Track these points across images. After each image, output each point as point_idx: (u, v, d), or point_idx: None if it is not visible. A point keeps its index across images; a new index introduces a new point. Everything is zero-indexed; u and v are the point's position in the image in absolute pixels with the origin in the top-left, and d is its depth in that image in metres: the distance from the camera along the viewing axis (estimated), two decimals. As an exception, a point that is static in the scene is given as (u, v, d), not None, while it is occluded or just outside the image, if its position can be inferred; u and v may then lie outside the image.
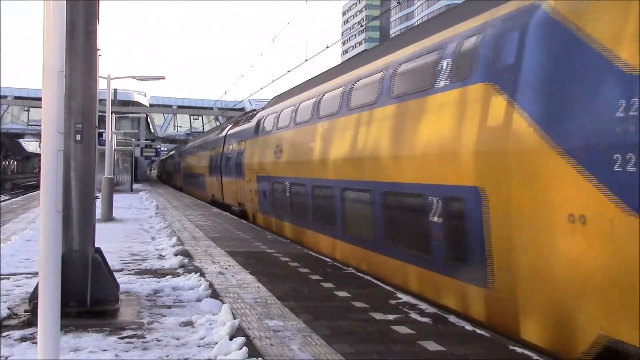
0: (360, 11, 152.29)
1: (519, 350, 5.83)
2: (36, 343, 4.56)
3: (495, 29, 7.20)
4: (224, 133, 27.94)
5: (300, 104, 15.07)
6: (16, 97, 65.00)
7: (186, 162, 44.91)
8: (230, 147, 24.53)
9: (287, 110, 16.11)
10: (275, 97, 20.38)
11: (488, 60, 7.11)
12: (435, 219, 8.00)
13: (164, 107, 76.05)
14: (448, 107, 7.88)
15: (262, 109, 21.34)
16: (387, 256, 9.79)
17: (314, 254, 12.24)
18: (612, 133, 5.15)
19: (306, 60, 20.70)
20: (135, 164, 50.58)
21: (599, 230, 5.29)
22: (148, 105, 75.06)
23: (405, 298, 8.03)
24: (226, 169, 25.07)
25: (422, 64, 8.90)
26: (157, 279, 9.12)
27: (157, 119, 74.12)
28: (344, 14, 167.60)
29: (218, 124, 55.87)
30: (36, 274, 4.86)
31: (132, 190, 39.35)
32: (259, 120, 19.38)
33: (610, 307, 5.28)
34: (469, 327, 6.64)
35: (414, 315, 7.14)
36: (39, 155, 13.67)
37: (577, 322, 5.67)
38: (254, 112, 23.58)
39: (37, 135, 55.11)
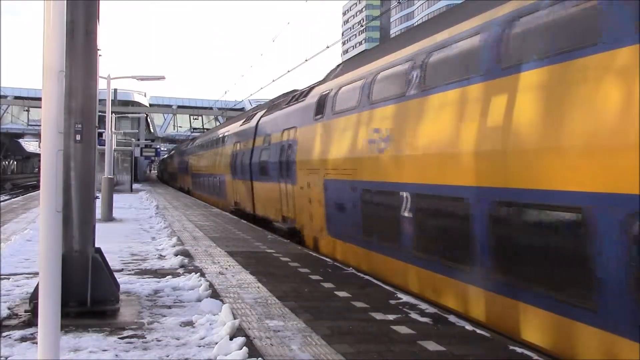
0: (361, 11, 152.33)
1: (519, 350, 5.83)
2: (36, 343, 4.57)
3: None
4: (253, 122, 21.33)
5: (430, 55, 8.57)
6: (16, 97, 64.94)
7: (197, 160, 37.04)
8: (267, 139, 18.04)
9: (394, 71, 9.67)
10: (345, 61, 14.47)
11: None
12: None
13: (164, 107, 76.03)
14: None
15: (320, 82, 14.84)
16: None
17: (314, 254, 12.23)
18: None
19: (306, 60, 20.67)
20: (135, 164, 50.53)
21: None
22: (148, 105, 75.10)
23: (405, 298, 8.03)
24: (259, 169, 18.56)
25: None
26: (157, 279, 9.12)
27: (157, 119, 74.12)
28: (344, 14, 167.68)
29: (218, 124, 54.49)
30: (36, 274, 4.86)
31: (132, 190, 39.33)
32: (323, 97, 13.13)
33: None
34: (469, 327, 6.64)
35: (414, 315, 7.14)
36: (39, 155, 13.66)
37: None
38: (302, 90, 16.82)
39: (37, 135, 55.12)
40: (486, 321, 6.98)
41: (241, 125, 24.33)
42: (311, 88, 15.38)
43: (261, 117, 20.31)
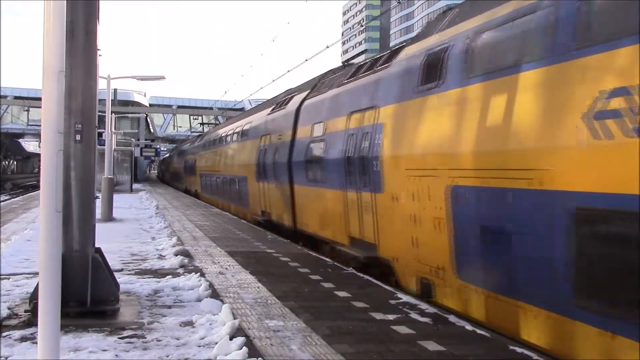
0: (361, 11, 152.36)
1: (518, 350, 5.83)
2: (36, 343, 4.56)
3: None
4: (292, 107, 16.41)
5: None
6: (16, 97, 65.03)
7: (207, 159, 31.56)
8: (318, 127, 13.37)
9: None
10: (463, 3, 9.21)
11: None
12: None
13: (164, 107, 76.16)
14: None
15: (413, 40, 10.13)
16: None
17: (314, 254, 12.24)
18: None
19: (306, 60, 20.66)
20: (135, 164, 50.51)
21: None
22: (148, 105, 75.23)
23: (405, 298, 8.03)
24: (305, 169, 13.90)
25: None
26: (157, 279, 9.12)
27: (157, 119, 74.22)
28: (344, 14, 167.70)
29: (218, 124, 53.67)
30: (36, 274, 4.86)
31: (132, 190, 39.34)
32: (436, 55, 8.50)
33: None
34: (469, 327, 6.64)
35: (414, 315, 7.14)
36: (39, 155, 13.64)
37: None
38: (377, 56, 12.28)
39: (37, 135, 55.11)
40: None
41: (270, 113, 18.98)
42: (395, 50, 10.90)
43: (304, 99, 15.40)
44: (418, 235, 8.69)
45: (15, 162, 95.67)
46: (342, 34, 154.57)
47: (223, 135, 28.43)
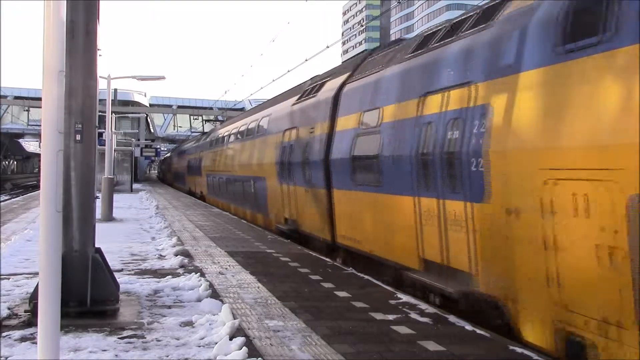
0: (361, 11, 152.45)
1: (518, 350, 5.83)
2: (36, 343, 4.56)
3: None
4: (327, 93, 13.43)
5: None
6: (16, 97, 65.06)
7: (215, 158, 28.24)
8: (368, 117, 10.62)
9: None
10: None
11: None
12: None
13: (164, 107, 76.20)
14: None
15: None
16: None
17: (314, 254, 12.24)
18: None
19: (306, 60, 20.66)
20: (135, 164, 50.49)
21: None
22: (148, 105, 75.29)
23: (405, 298, 8.03)
24: (352, 170, 11.03)
25: None
26: (157, 279, 9.13)
27: (157, 119, 74.21)
28: (344, 14, 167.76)
29: (218, 124, 52.72)
30: (36, 274, 4.86)
31: (132, 190, 39.34)
32: None
33: None
34: (469, 327, 6.64)
35: (414, 315, 7.14)
36: (39, 155, 13.62)
37: None
38: (457, 19, 8.99)
39: (37, 135, 55.16)
40: None
41: (296, 103, 15.95)
42: (491, 7, 7.96)
43: (345, 83, 12.64)
44: (562, 269, 5.80)
45: (15, 162, 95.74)
46: (342, 34, 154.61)
47: (234, 131, 24.72)
